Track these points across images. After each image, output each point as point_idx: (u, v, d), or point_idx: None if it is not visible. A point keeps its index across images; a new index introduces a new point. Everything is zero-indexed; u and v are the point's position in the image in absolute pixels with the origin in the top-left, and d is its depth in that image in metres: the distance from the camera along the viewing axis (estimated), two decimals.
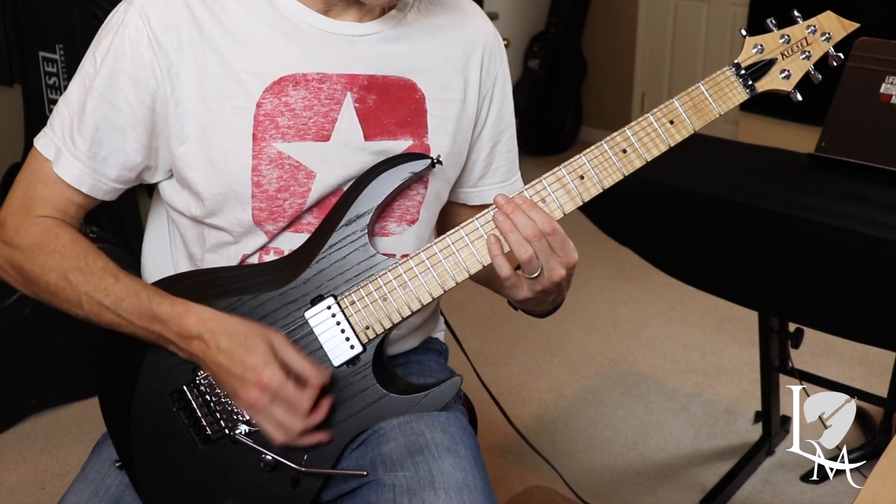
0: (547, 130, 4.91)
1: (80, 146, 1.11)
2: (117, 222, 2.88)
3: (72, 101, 1.13)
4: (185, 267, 1.23)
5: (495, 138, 1.29)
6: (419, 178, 1.18)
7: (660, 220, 1.94)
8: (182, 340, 1.08)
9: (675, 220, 1.90)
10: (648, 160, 1.12)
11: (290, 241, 1.16)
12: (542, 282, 1.08)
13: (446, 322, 1.44)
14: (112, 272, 1.11)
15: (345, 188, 1.16)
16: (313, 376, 1.07)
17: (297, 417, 1.06)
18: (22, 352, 2.47)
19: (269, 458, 1.12)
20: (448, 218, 1.34)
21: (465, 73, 1.22)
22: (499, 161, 1.31)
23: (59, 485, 2.22)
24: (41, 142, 1.15)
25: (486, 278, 1.26)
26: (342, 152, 1.14)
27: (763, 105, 4.01)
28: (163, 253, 1.27)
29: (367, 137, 1.15)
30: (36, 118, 2.87)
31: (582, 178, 1.11)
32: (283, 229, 1.16)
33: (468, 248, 1.10)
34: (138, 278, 1.12)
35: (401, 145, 1.17)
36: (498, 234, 1.08)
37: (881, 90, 1.80)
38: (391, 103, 1.16)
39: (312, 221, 1.16)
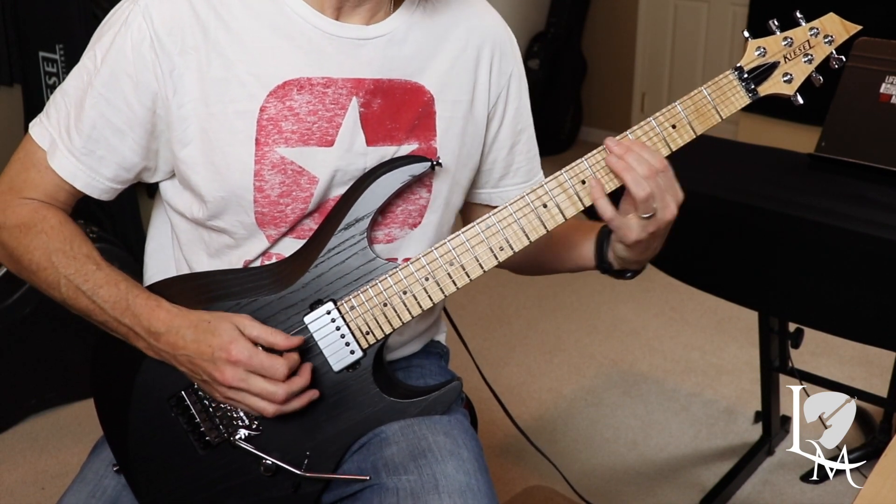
0: (547, 130, 4.91)
1: (76, 142, 1.11)
2: (118, 222, 2.87)
3: (69, 94, 1.12)
4: (186, 267, 1.23)
5: (514, 138, 1.28)
6: (420, 182, 1.17)
7: None
8: (151, 336, 1.08)
9: (674, 220, 1.89)
10: None
11: (293, 248, 1.15)
12: (656, 221, 1.09)
13: (451, 321, 1.43)
14: (95, 260, 1.11)
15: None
16: (281, 340, 1.07)
17: (277, 384, 1.05)
18: (22, 352, 2.47)
19: (270, 462, 1.11)
20: (471, 221, 1.33)
21: (475, 72, 1.20)
22: (519, 161, 1.30)
23: (59, 485, 2.22)
24: (36, 130, 1.14)
25: (535, 260, 1.28)
26: (345, 158, 1.13)
27: (763, 105, 3.99)
28: (166, 252, 1.26)
29: (369, 142, 1.14)
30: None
31: (583, 182, 1.10)
32: (285, 234, 1.15)
33: (470, 253, 1.10)
34: (119, 270, 1.12)
35: (404, 150, 1.16)
36: (598, 178, 1.09)
37: (881, 90, 1.80)
38: (397, 107, 1.15)
39: (315, 228, 1.15)
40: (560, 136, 5.02)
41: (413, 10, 1.16)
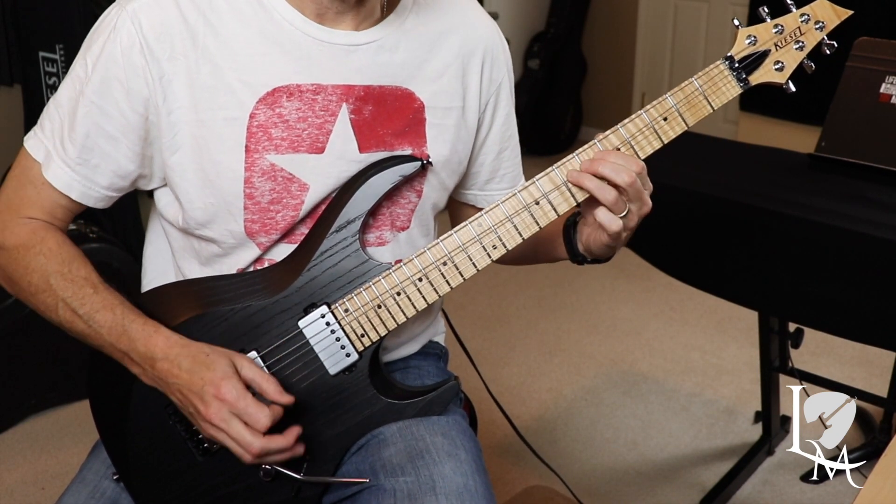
0: (547, 130, 4.91)
1: (70, 152, 1.10)
2: (118, 223, 2.87)
3: (62, 105, 1.11)
4: (181, 274, 1.22)
5: (502, 144, 1.27)
6: (410, 185, 1.17)
7: (659, 220, 1.93)
8: (146, 362, 1.07)
9: (674, 220, 1.90)
10: (642, 158, 1.11)
11: (286, 253, 1.15)
12: (633, 217, 1.10)
13: (448, 321, 1.43)
14: (92, 283, 1.10)
15: None
16: (272, 390, 1.05)
17: (255, 435, 1.03)
18: (22, 352, 2.47)
19: (269, 467, 1.11)
20: (458, 219, 1.33)
21: (465, 79, 1.19)
22: (506, 167, 1.30)
23: (59, 485, 2.21)
24: (31, 143, 1.13)
25: (530, 252, 1.27)
26: (336, 165, 1.12)
27: (763, 105, 4.02)
28: (164, 257, 1.26)
29: (362, 149, 1.13)
30: (36, 118, 2.85)
31: None
32: (277, 241, 1.14)
33: (463, 252, 1.10)
34: (117, 293, 1.11)
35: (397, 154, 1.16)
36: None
37: (881, 90, 1.80)
38: (388, 114, 1.14)
39: (307, 233, 1.15)
40: (560, 136, 5.02)
41: (405, 17, 1.15)
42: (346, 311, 1.10)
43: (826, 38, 1.15)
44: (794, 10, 1.14)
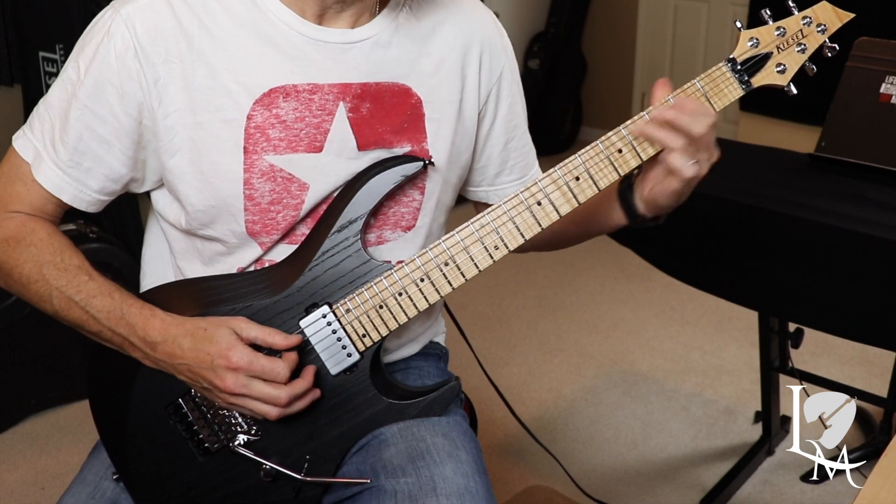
0: (547, 130, 4.91)
1: (61, 155, 1.09)
2: (118, 223, 2.87)
3: (53, 106, 1.10)
4: (182, 275, 1.22)
5: (507, 135, 1.27)
6: (413, 183, 1.17)
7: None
8: (147, 346, 1.07)
9: (674, 220, 1.90)
10: (644, 159, 1.11)
11: (286, 253, 1.15)
12: (706, 164, 1.10)
13: (453, 319, 1.43)
14: (86, 270, 1.10)
15: None
16: (280, 340, 1.07)
17: (278, 386, 1.05)
18: (22, 352, 2.47)
19: (270, 467, 1.11)
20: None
21: (462, 71, 1.19)
22: (514, 158, 1.29)
23: (59, 485, 2.21)
24: (19, 142, 1.13)
25: (563, 236, 1.27)
26: (335, 163, 1.12)
27: (763, 105, 4.01)
28: (163, 258, 1.26)
29: (360, 147, 1.13)
30: None
31: (577, 178, 1.10)
32: (278, 241, 1.15)
33: (465, 252, 1.10)
34: (111, 281, 1.12)
35: (397, 153, 1.15)
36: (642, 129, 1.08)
37: (881, 90, 1.80)
38: (386, 111, 1.14)
39: (308, 233, 1.15)
40: (560, 136, 5.02)
41: (398, 12, 1.15)
42: (348, 310, 1.10)
43: (828, 40, 1.15)
44: (796, 12, 1.14)
